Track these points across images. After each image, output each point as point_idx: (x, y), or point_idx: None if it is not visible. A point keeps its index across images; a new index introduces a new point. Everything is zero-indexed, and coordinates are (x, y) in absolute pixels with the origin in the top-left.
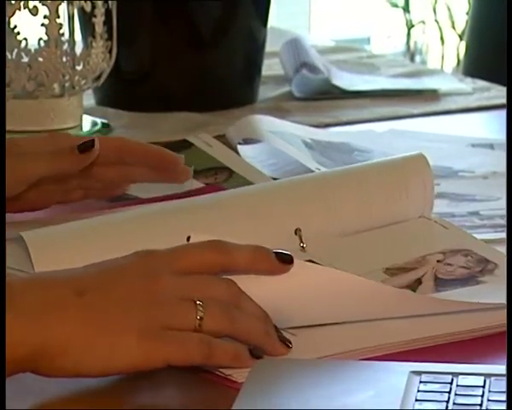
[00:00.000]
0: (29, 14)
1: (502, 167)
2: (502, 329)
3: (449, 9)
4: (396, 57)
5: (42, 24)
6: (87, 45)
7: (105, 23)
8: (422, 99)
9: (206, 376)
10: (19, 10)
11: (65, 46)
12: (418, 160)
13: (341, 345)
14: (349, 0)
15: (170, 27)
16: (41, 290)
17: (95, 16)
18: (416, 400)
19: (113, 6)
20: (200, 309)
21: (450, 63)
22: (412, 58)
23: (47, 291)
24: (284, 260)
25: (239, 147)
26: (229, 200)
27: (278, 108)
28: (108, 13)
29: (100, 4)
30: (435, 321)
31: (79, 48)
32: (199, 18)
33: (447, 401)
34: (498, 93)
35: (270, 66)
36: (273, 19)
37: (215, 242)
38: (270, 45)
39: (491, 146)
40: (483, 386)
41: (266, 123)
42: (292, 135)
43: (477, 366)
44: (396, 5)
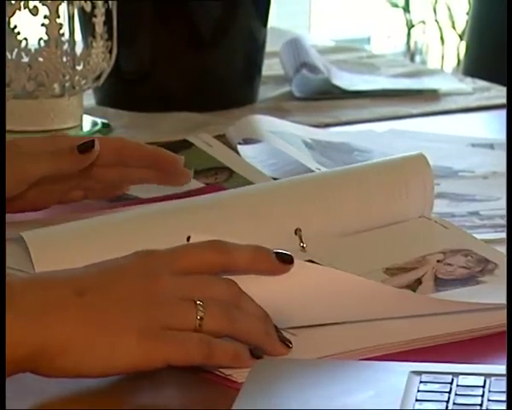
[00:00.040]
0: (29, 14)
1: (502, 167)
2: (502, 329)
3: (449, 9)
4: (396, 57)
5: (42, 24)
6: (87, 45)
7: (105, 23)
8: (422, 99)
9: (206, 376)
10: (19, 10)
11: (65, 46)
12: (418, 160)
13: (341, 345)
14: (349, 0)
15: (170, 27)
16: (41, 290)
17: (95, 16)
18: (416, 400)
19: (113, 6)
20: (200, 309)
21: (450, 63)
22: (412, 58)
23: (47, 291)
24: (284, 260)
25: (239, 147)
26: (229, 200)
27: (278, 108)
28: (108, 13)
29: (100, 4)
30: (435, 321)
31: (79, 48)
32: (199, 18)
33: (447, 401)
34: (498, 93)
35: (270, 66)
36: (273, 19)
37: (215, 242)
38: (270, 45)
39: (491, 146)
40: (483, 386)
41: (266, 123)
42: (292, 135)
43: (477, 366)
44: (396, 5)
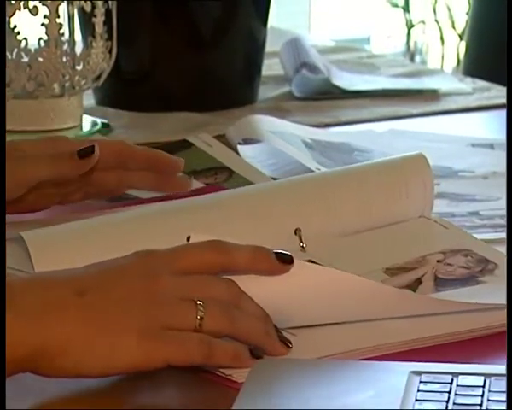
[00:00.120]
0: (29, 14)
1: (502, 167)
2: (502, 329)
3: (449, 9)
4: (396, 57)
5: (42, 24)
6: (87, 45)
7: (105, 23)
8: (422, 99)
9: (206, 376)
10: (19, 10)
11: (65, 46)
12: (418, 160)
13: (341, 345)
14: (349, 0)
15: (170, 27)
16: (41, 290)
17: (95, 16)
18: (416, 400)
19: (113, 6)
20: (200, 309)
21: (450, 63)
22: (412, 58)
23: (47, 291)
24: (284, 260)
25: (239, 147)
26: (229, 200)
27: (278, 108)
28: (108, 13)
29: (100, 4)
30: (435, 321)
31: (79, 48)
32: (199, 18)
33: (447, 401)
34: (498, 93)
35: (270, 66)
36: (273, 19)
37: (215, 242)
38: (270, 45)
39: (491, 146)
40: (483, 386)
41: (266, 123)
42: (292, 135)
43: (477, 366)
44: (396, 5)
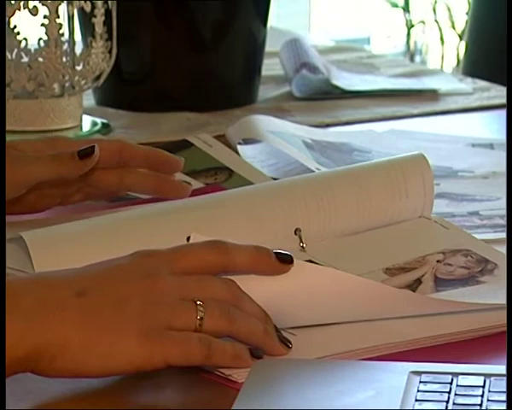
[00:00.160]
0: (29, 14)
1: (502, 167)
2: (502, 329)
3: (449, 9)
4: (396, 57)
5: (42, 24)
6: (87, 45)
7: (105, 23)
8: (422, 99)
9: (206, 376)
10: (19, 10)
11: (65, 46)
12: (418, 160)
13: (341, 345)
14: (349, 0)
15: (170, 27)
16: (41, 290)
17: (95, 16)
18: (416, 400)
19: (113, 6)
20: (200, 309)
21: (450, 63)
22: (412, 58)
23: (47, 291)
24: (284, 260)
25: (239, 147)
26: (229, 200)
27: (278, 108)
28: (108, 13)
29: (100, 4)
30: (435, 321)
31: (79, 48)
32: (199, 18)
33: (447, 401)
34: (498, 93)
35: (270, 66)
36: (273, 19)
37: (215, 242)
38: (270, 45)
39: (491, 146)
40: (483, 386)
41: (266, 123)
42: (292, 135)
43: (477, 366)
44: (396, 5)
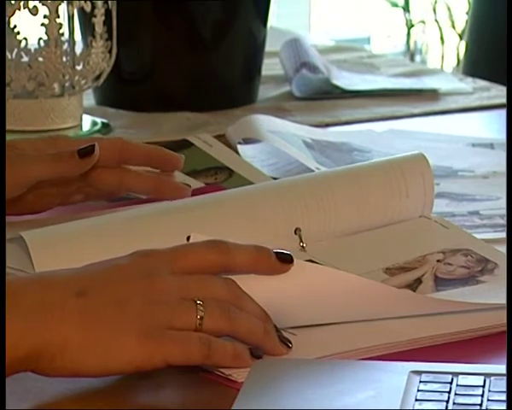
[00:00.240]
0: (29, 14)
1: (502, 167)
2: (502, 329)
3: (449, 9)
4: (396, 57)
5: (42, 24)
6: (87, 45)
7: (105, 23)
8: (422, 99)
9: (206, 376)
10: (19, 10)
11: (65, 46)
12: (418, 160)
13: (341, 345)
14: (349, 0)
15: (170, 27)
16: (41, 290)
17: (95, 16)
18: (416, 400)
19: (113, 6)
20: (200, 309)
21: (450, 63)
22: (412, 58)
23: (47, 291)
24: (284, 259)
25: (239, 147)
26: (229, 200)
27: (278, 108)
28: (108, 13)
29: (100, 4)
30: (435, 321)
31: (79, 48)
32: (199, 18)
33: (447, 401)
34: (498, 93)
35: (270, 66)
36: (273, 19)
37: (215, 241)
38: (270, 45)
39: (491, 146)
40: (483, 386)
41: (266, 123)
42: (292, 135)
43: (477, 366)
44: (396, 5)
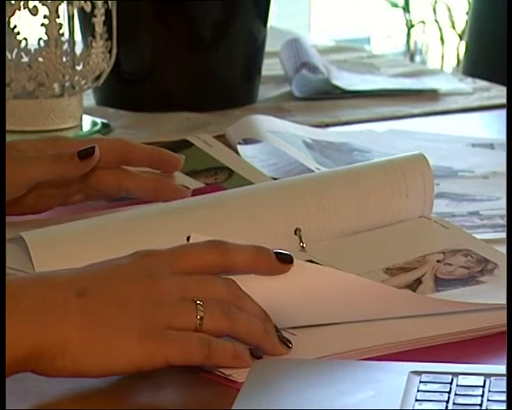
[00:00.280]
0: (29, 14)
1: (502, 167)
2: (502, 329)
3: (449, 9)
4: (396, 57)
5: (42, 24)
6: (87, 45)
7: (105, 23)
8: (422, 99)
9: (206, 376)
10: (19, 10)
11: (65, 46)
12: (418, 160)
13: (341, 345)
14: (349, 0)
15: (170, 27)
16: (41, 290)
17: (95, 16)
18: (416, 400)
19: (113, 6)
20: (200, 309)
21: (450, 63)
22: (412, 58)
23: (47, 291)
24: (284, 260)
25: (239, 147)
26: (229, 200)
27: (278, 108)
28: (108, 13)
29: (100, 4)
30: (435, 321)
31: (79, 48)
32: (199, 18)
33: (447, 401)
34: (498, 93)
35: (270, 66)
36: (273, 19)
37: (215, 242)
38: (270, 45)
39: (491, 146)
40: (483, 386)
41: (266, 123)
42: (292, 135)
43: (477, 366)
44: (396, 5)
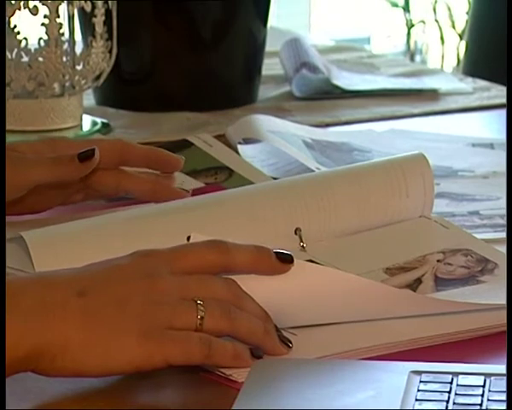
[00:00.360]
0: (29, 13)
1: (502, 167)
2: (502, 329)
3: (449, 9)
4: (396, 57)
5: (42, 24)
6: (87, 45)
7: (105, 23)
8: (422, 99)
9: (206, 376)
10: (19, 10)
11: (65, 46)
12: (418, 160)
13: (341, 345)
14: (349, 0)
15: (170, 27)
16: (41, 290)
17: (95, 16)
18: (416, 399)
19: (113, 6)
20: (200, 309)
21: (450, 63)
22: (412, 58)
23: (47, 291)
24: (284, 259)
25: (239, 147)
26: (229, 200)
27: (278, 108)
28: (108, 13)
29: (100, 4)
30: (435, 321)
31: (79, 48)
32: (199, 18)
33: (447, 401)
34: (498, 93)
35: (270, 66)
36: (273, 19)
37: (215, 241)
38: (270, 45)
39: (491, 146)
40: (483, 386)
41: (266, 123)
42: (292, 135)
43: (477, 366)
44: (396, 5)
